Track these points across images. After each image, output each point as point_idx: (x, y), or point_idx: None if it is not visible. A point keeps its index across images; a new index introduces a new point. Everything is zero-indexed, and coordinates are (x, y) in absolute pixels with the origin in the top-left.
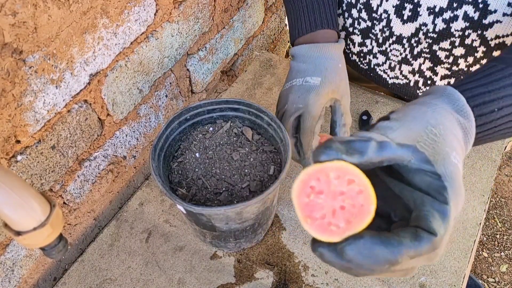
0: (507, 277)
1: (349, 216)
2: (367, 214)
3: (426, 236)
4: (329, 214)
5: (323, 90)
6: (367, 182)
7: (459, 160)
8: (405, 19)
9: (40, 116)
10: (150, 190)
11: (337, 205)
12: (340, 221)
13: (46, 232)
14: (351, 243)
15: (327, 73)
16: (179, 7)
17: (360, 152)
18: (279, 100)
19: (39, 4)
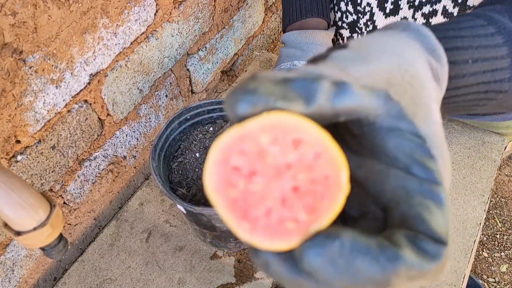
0: (507, 277)
1: (311, 199)
2: (337, 188)
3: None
4: (277, 204)
5: None
6: (323, 136)
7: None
8: (387, 12)
9: (40, 116)
10: (150, 190)
11: (287, 187)
12: (299, 210)
13: (46, 232)
14: (318, 245)
15: None
16: (179, 7)
17: (306, 98)
18: None
19: (39, 4)
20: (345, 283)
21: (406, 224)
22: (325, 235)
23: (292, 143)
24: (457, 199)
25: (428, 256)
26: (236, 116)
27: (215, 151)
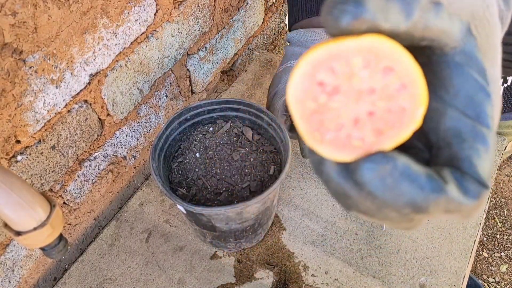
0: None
1: (382, 125)
2: (409, 122)
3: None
4: (350, 123)
5: None
6: (414, 69)
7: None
8: None
9: (40, 116)
10: (150, 190)
11: (363, 110)
12: (367, 132)
13: (46, 232)
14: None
15: None
16: (179, 7)
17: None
18: (272, 82)
19: (39, 4)
20: (387, 201)
21: (453, 164)
22: (382, 155)
23: (382, 70)
24: None
25: (469, 194)
26: (337, 28)
27: (305, 63)
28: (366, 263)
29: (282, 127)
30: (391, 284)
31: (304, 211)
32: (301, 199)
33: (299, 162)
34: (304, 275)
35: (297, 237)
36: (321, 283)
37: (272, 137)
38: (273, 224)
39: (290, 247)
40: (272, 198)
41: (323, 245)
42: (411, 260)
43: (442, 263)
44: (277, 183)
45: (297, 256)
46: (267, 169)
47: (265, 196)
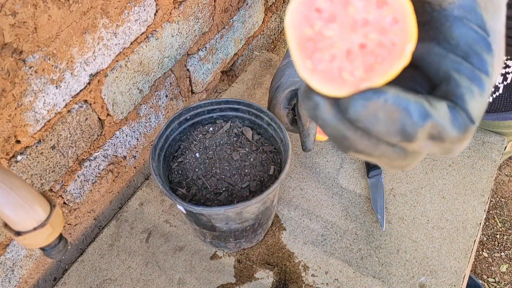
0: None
1: (372, 60)
2: (399, 57)
3: (463, 119)
4: (342, 55)
5: None
6: (406, 5)
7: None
8: None
9: (40, 116)
10: (150, 190)
11: (356, 42)
12: (357, 66)
13: (46, 232)
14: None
15: None
16: (179, 7)
17: None
18: (275, 75)
19: (39, 4)
20: (381, 134)
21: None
22: (373, 91)
23: (376, 3)
24: (457, 199)
25: (455, 124)
26: None
27: None
28: (366, 263)
29: (282, 127)
30: (391, 284)
31: (304, 211)
32: (301, 199)
33: (299, 162)
34: (304, 275)
35: (297, 237)
36: (321, 283)
37: (272, 137)
38: (273, 224)
39: (290, 247)
40: (272, 198)
41: (323, 245)
42: (411, 260)
43: (442, 263)
44: (277, 183)
45: (297, 256)
46: (267, 169)
47: (265, 196)
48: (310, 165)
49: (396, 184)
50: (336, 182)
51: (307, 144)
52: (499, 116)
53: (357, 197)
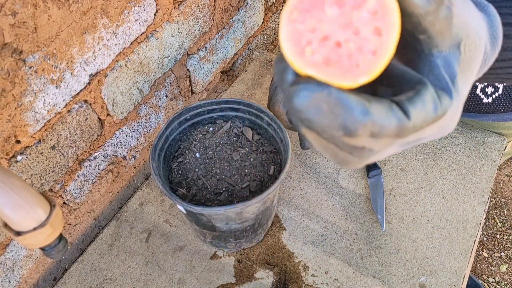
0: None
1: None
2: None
3: (398, 115)
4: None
5: None
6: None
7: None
8: None
9: (40, 116)
10: (150, 190)
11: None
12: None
13: (46, 232)
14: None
15: None
16: (179, 7)
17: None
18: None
19: (39, 4)
20: (323, 125)
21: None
22: (317, 83)
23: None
24: (457, 199)
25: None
26: None
27: None
28: (366, 263)
29: (282, 127)
30: (391, 284)
31: (304, 211)
32: (301, 199)
33: (299, 162)
34: (304, 275)
35: (297, 237)
36: (321, 283)
37: (272, 137)
38: (273, 224)
39: (290, 247)
40: (272, 198)
41: (323, 245)
42: (411, 260)
43: (442, 263)
44: (277, 183)
45: (297, 256)
46: (267, 169)
47: (265, 196)
48: (310, 165)
49: (396, 184)
50: (336, 182)
51: (305, 142)
52: (498, 117)
53: (357, 197)
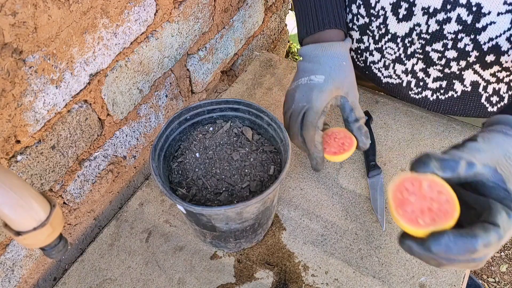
0: (507, 277)
1: (435, 216)
2: (450, 218)
3: (493, 228)
4: (418, 211)
5: (327, 87)
6: (454, 195)
7: None
8: (401, 17)
9: (40, 116)
10: (150, 190)
11: (426, 206)
12: (426, 218)
13: (46, 232)
14: (436, 240)
15: (331, 71)
16: (179, 7)
17: (452, 169)
18: (285, 100)
19: (39, 4)
20: (454, 254)
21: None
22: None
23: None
24: None
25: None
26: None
27: (400, 177)
28: (366, 263)
29: (282, 127)
30: (391, 284)
31: (304, 211)
32: (301, 199)
33: (299, 162)
34: (304, 275)
35: (297, 237)
36: (321, 283)
37: (272, 137)
38: (273, 224)
39: (290, 247)
40: (272, 198)
41: (323, 245)
42: (411, 260)
43: None
44: (277, 183)
45: (297, 256)
46: (267, 169)
47: (265, 196)
48: (310, 165)
49: None
50: (336, 182)
51: (313, 166)
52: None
53: (357, 197)
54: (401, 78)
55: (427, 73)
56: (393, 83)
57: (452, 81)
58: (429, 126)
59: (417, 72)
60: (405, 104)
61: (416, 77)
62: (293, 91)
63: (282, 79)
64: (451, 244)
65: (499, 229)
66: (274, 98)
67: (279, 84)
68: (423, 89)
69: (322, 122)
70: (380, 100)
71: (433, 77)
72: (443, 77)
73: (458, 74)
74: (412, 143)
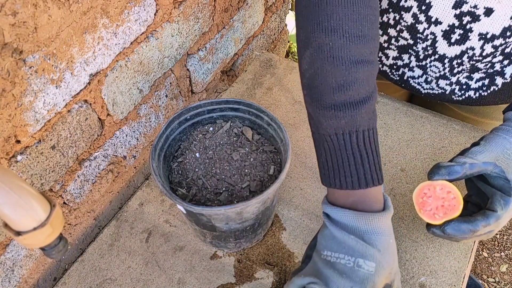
0: (507, 277)
1: (446, 210)
2: (457, 210)
3: (491, 214)
4: (434, 209)
5: (379, 279)
6: (458, 193)
7: None
8: (453, 42)
9: (40, 116)
10: (150, 190)
11: (440, 204)
12: (440, 213)
13: (46, 232)
14: (448, 225)
15: (381, 258)
16: (179, 7)
17: (457, 173)
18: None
19: (39, 4)
20: (461, 234)
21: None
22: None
23: (446, 192)
24: None
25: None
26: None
27: (420, 186)
28: None
29: (282, 127)
30: None
31: (304, 211)
32: (301, 199)
33: (299, 162)
34: None
35: (297, 237)
36: None
37: (272, 137)
38: (273, 224)
39: (290, 247)
40: (272, 198)
41: None
42: (411, 260)
43: (442, 263)
44: (277, 183)
45: (297, 256)
46: (267, 169)
47: (265, 196)
48: (310, 165)
49: (396, 184)
50: None
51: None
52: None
53: None
54: (444, 89)
55: (471, 78)
56: (435, 93)
57: (494, 77)
58: (429, 126)
59: (461, 80)
60: (405, 104)
61: (459, 84)
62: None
63: (282, 79)
64: (458, 227)
65: (496, 213)
66: (274, 98)
67: (279, 84)
68: (466, 91)
69: None
70: (380, 100)
71: (476, 79)
72: (486, 76)
73: (500, 71)
74: (412, 143)
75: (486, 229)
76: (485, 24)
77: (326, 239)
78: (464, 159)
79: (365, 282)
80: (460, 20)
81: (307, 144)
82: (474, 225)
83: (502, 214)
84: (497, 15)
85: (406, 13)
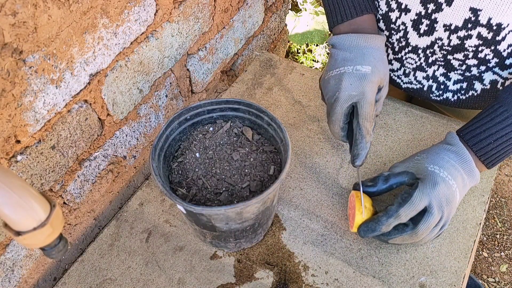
0: (507, 277)
1: (352, 217)
2: (357, 215)
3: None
4: (350, 218)
5: (374, 78)
6: (363, 199)
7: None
8: (421, 32)
9: (40, 116)
10: (150, 190)
11: (351, 213)
12: (352, 220)
13: (46, 232)
14: (359, 228)
15: (376, 63)
16: (179, 7)
17: (374, 184)
18: (326, 86)
19: (39, 4)
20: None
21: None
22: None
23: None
24: None
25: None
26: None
27: (352, 195)
28: (366, 263)
29: (282, 127)
30: (391, 284)
31: (304, 211)
32: (301, 199)
33: (299, 162)
34: (304, 275)
35: (297, 237)
36: (321, 283)
37: (272, 137)
38: (273, 224)
39: (290, 247)
40: (272, 198)
41: (323, 245)
42: (411, 260)
43: (442, 263)
44: (277, 183)
45: (297, 256)
46: (267, 169)
47: (265, 196)
48: (310, 165)
49: None
50: (336, 182)
51: (361, 156)
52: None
53: None
54: (422, 84)
55: (448, 77)
56: (414, 88)
57: (472, 82)
58: (429, 126)
59: (438, 77)
60: (405, 104)
61: (437, 81)
62: (337, 78)
63: (282, 79)
64: (366, 227)
65: (392, 207)
66: (274, 98)
67: (279, 84)
68: (444, 91)
69: (374, 113)
70: None
71: (454, 80)
72: (464, 79)
73: (478, 76)
74: (412, 143)
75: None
76: (448, 14)
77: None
78: (384, 173)
79: (363, 79)
80: (425, 8)
81: (307, 144)
82: (377, 221)
83: (401, 207)
84: (457, 5)
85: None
